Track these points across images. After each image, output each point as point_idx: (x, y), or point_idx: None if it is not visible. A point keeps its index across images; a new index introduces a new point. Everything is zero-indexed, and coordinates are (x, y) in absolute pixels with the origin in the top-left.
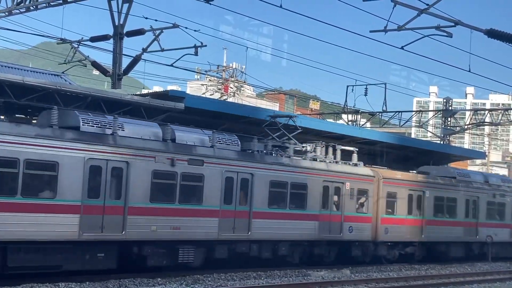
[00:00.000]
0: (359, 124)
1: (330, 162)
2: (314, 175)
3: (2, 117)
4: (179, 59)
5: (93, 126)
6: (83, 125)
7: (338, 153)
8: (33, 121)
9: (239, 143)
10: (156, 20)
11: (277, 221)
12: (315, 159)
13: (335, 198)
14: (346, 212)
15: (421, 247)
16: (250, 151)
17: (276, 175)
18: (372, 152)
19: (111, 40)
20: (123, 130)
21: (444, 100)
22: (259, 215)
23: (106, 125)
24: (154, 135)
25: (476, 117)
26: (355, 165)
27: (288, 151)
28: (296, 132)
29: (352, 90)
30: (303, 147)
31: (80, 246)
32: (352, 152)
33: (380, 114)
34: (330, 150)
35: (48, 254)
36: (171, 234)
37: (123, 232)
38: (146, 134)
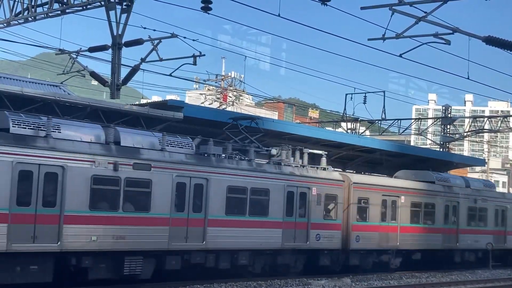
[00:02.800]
0: (358, 132)
1: (295, 166)
2: (277, 180)
3: None
4: (177, 68)
5: (25, 128)
6: (13, 126)
7: (306, 157)
8: None
9: (193, 146)
10: (154, 30)
11: (235, 229)
12: (279, 163)
13: (301, 204)
14: (313, 219)
15: (397, 255)
16: (206, 155)
17: (234, 180)
18: (371, 160)
19: (110, 50)
20: (59, 132)
21: (443, 108)
22: (215, 223)
23: (40, 127)
24: (96, 137)
25: (475, 124)
26: (324, 169)
27: (249, 154)
28: (259, 135)
29: (351, 98)
30: (267, 150)
31: (9, 258)
32: (320, 156)
33: (379, 122)
34: (298, 154)
35: None
36: (114, 244)
37: (59, 243)
38: (86, 136)
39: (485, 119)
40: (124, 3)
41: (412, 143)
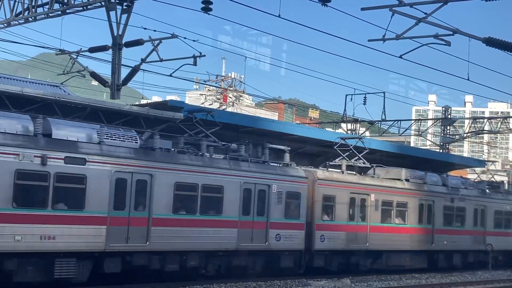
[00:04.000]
0: (358, 133)
1: (254, 162)
2: (233, 176)
3: None
4: (178, 69)
5: None
6: None
7: (267, 152)
8: None
9: (138, 139)
10: (154, 31)
11: (184, 229)
12: (236, 159)
13: (260, 202)
14: (273, 218)
15: (367, 256)
16: (151, 149)
17: (183, 176)
18: (371, 161)
19: (110, 51)
20: None
21: (443, 109)
22: (161, 222)
23: None
24: (23, 128)
25: (475, 125)
26: (286, 165)
27: (203, 149)
28: (215, 128)
29: (351, 99)
30: (223, 145)
31: None
32: (283, 151)
33: (379, 122)
34: (260, 149)
35: None
36: (42, 245)
37: None
38: (12, 127)
39: (485, 120)
40: (125, 4)
41: (412, 144)
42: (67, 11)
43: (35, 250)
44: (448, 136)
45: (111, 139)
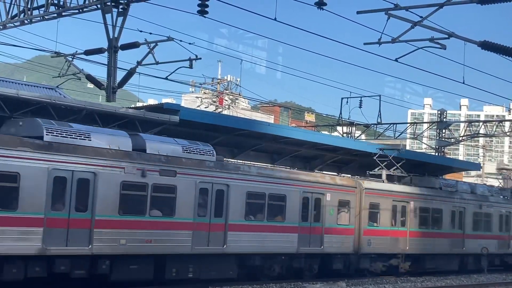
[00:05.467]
0: (354, 136)
1: (310, 172)
2: (294, 186)
3: None
4: (173, 72)
5: (58, 136)
6: (47, 135)
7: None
8: None
9: (214, 153)
10: (150, 33)
11: (254, 233)
12: (294, 169)
13: (316, 210)
14: (327, 224)
15: (406, 259)
16: (226, 162)
17: (253, 186)
18: (367, 164)
19: (106, 54)
20: (90, 140)
21: (439, 112)
22: (235, 227)
23: (72, 135)
24: (123, 144)
25: (471, 128)
26: (337, 176)
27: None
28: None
29: (347, 102)
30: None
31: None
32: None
33: (375, 126)
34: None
35: None
36: (142, 248)
37: (90, 246)
38: (115, 143)
39: (481, 123)
40: (121, 6)
41: (407, 147)
42: (63, 13)
43: (137, 253)
44: (443, 139)
45: (193, 153)
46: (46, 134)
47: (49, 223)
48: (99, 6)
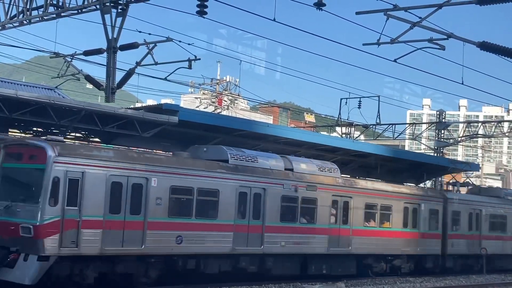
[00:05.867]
0: (353, 136)
1: (410, 186)
2: (397, 198)
3: None
4: (172, 72)
5: (238, 160)
6: (231, 159)
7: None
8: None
9: (338, 170)
10: (149, 34)
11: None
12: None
13: (413, 217)
14: (422, 229)
15: (479, 259)
16: (349, 178)
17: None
18: (366, 165)
19: (105, 54)
20: (257, 162)
21: (438, 113)
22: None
23: (246, 158)
24: (279, 165)
25: (470, 129)
26: (429, 188)
27: None
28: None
29: (346, 103)
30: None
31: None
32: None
33: (374, 126)
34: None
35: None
36: (293, 248)
37: (262, 247)
38: (274, 164)
39: (479, 124)
40: (120, 7)
41: (406, 148)
42: (62, 14)
43: (291, 253)
44: (442, 140)
45: (325, 171)
46: (231, 158)
47: (236, 229)
48: (98, 6)
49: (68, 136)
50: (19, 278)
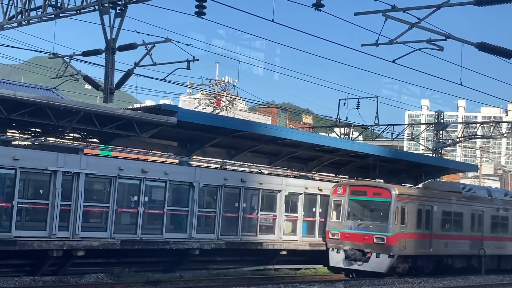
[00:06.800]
0: (352, 137)
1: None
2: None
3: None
4: (171, 73)
5: (468, 192)
6: (463, 191)
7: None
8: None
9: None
10: (148, 35)
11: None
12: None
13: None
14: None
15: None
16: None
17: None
18: (365, 165)
19: (103, 55)
20: (475, 192)
21: (436, 113)
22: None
23: (474, 190)
24: (484, 193)
25: (468, 130)
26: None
27: None
28: None
29: (344, 103)
30: None
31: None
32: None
33: (372, 127)
34: None
35: None
36: (495, 251)
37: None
38: (482, 193)
39: (478, 125)
40: (118, 8)
41: (405, 149)
42: (61, 14)
43: (493, 254)
44: (441, 141)
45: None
46: (463, 191)
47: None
48: (96, 7)
49: (67, 137)
50: (375, 268)
